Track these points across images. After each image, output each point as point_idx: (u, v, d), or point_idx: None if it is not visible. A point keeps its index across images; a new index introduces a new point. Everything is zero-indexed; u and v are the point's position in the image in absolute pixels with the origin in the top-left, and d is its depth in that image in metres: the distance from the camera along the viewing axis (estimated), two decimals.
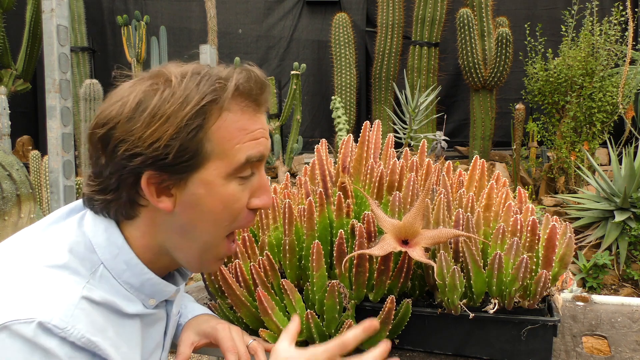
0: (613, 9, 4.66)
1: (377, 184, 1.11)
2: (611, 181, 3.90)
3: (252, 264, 1.05)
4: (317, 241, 0.99)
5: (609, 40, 4.66)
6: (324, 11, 6.86)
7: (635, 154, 3.94)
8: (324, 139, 1.23)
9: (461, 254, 0.99)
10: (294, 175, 5.41)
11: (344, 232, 1.00)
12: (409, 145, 4.23)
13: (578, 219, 3.94)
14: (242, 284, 1.05)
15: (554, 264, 0.98)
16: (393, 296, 0.97)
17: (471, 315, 0.96)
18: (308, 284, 1.04)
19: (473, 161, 1.23)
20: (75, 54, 5.96)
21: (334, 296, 0.98)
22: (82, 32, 6.10)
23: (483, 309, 0.98)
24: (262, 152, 0.75)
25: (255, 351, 0.94)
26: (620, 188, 3.70)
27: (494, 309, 0.97)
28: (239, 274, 1.05)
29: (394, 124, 4.34)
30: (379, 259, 1.00)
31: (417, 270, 1.06)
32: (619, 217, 3.59)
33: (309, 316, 0.97)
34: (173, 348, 0.96)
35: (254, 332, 1.03)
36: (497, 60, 5.46)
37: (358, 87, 6.23)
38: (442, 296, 0.98)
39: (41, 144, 6.11)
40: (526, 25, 5.13)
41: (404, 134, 4.20)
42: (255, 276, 1.03)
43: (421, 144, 1.26)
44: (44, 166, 4.40)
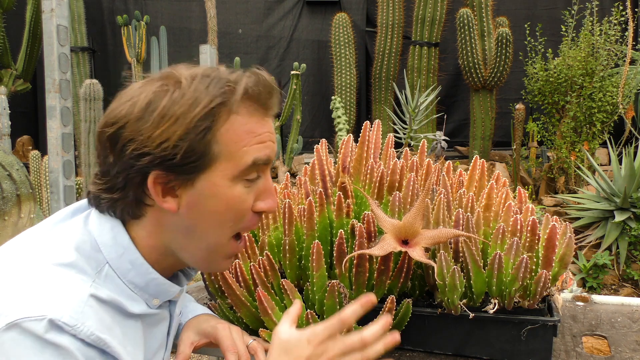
0: (613, 9, 4.66)
1: (377, 184, 1.11)
2: (611, 181, 3.90)
3: (252, 264, 1.05)
4: (317, 241, 0.99)
5: (609, 40, 4.66)
6: (324, 11, 6.86)
7: (635, 154, 3.94)
8: (324, 139, 1.23)
9: (461, 254, 0.99)
10: (294, 175, 5.41)
11: (344, 232, 1.00)
12: (409, 145, 4.23)
13: (578, 219, 3.94)
14: (242, 284, 1.05)
15: (554, 264, 0.98)
16: (393, 296, 0.97)
17: (471, 315, 0.97)
18: (308, 284, 1.04)
19: (473, 161, 1.23)
20: (75, 54, 5.96)
21: (334, 296, 0.98)
22: (82, 32, 6.10)
23: (483, 309, 0.98)
24: (269, 155, 0.75)
25: (255, 351, 0.94)
26: (620, 188, 3.70)
27: (494, 309, 0.97)
28: (239, 274, 1.05)
29: (394, 124, 4.34)
30: (379, 259, 1.00)
31: (417, 270, 1.06)
32: (619, 217, 3.59)
33: (309, 316, 0.97)
34: (173, 348, 0.96)
35: (254, 332, 1.03)
36: (497, 60, 5.46)
37: (358, 87, 6.23)
38: (442, 296, 0.98)
39: (41, 144, 6.11)
40: (526, 25, 5.13)
41: (404, 134, 4.20)
42: (255, 276, 1.03)
43: (421, 144, 1.26)
44: (44, 166, 4.40)
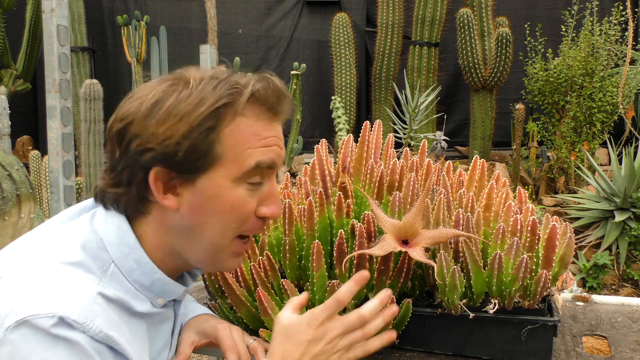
0: (613, 9, 4.67)
1: (377, 184, 1.11)
2: (611, 181, 3.90)
3: (252, 264, 1.05)
4: (317, 241, 0.99)
5: (609, 40, 4.66)
6: (324, 11, 6.86)
7: (635, 154, 3.94)
8: (324, 139, 1.23)
9: (461, 254, 0.99)
10: (294, 175, 5.41)
11: (344, 232, 1.00)
12: (409, 145, 4.23)
13: (578, 219, 3.94)
14: (242, 284, 1.05)
15: (554, 264, 0.98)
16: (393, 296, 0.97)
17: (471, 315, 0.97)
18: (308, 284, 1.04)
19: (473, 161, 1.23)
20: (75, 54, 5.96)
21: None
22: (82, 32, 6.11)
23: (483, 309, 0.98)
24: (274, 159, 0.75)
25: (255, 351, 0.94)
26: (620, 188, 3.70)
27: (494, 309, 0.97)
28: (239, 274, 1.05)
29: (394, 124, 4.34)
30: (379, 259, 1.00)
31: (417, 270, 1.06)
32: (619, 217, 3.59)
33: None
34: None
35: (254, 332, 1.03)
36: (497, 60, 5.46)
37: (358, 87, 6.23)
38: (442, 296, 0.99)
39: (41, 144, 6.11)
40: (526, 25, 5.13)
41: (404, 134, 4.20)
42: (255, 276, 1.03)
43: (421, 144, 1.26)
44: (44, 166, 4.40)
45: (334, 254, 1.01)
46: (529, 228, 0.98)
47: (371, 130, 1.19)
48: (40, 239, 0.74)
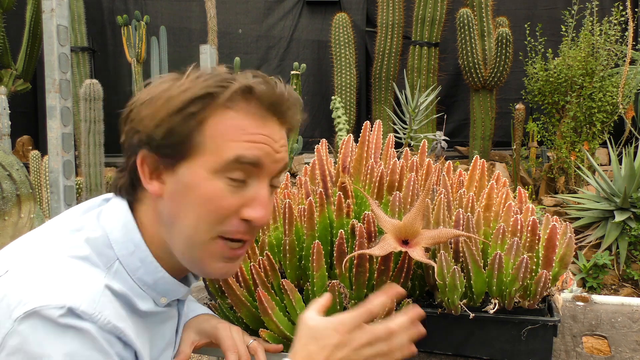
0: (613, 9, 4.66)
1: (377, 184, 1.11)
2: (611, 181, 3.90)
3: (252, 264, 1.05)
4: (317, 241, 0.99)
5: (609, 40, 4.66)
6: (324, 11, 6.86)
7: (635, 154, 3.94)
8: (324, 139, 1.23)
9: (461, 254, 0.99)
10: (294, 175, 5.41)
11: (344, 232, 1.00)
12: (409, 145, 4.23)
13: (578, 219, 3.94)
14: (242, 284, 1.05)
15: (554, 264, 0.98)
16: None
17: (471, 315, 0.97)
18: (308, 284, 1.04)
19: (473, 161, 1.23)
20: (75, 54, 5.95)
21: (334, 296, 0.98)
22: (82, 32, 6.10)
23: (483, 309, 0.98)
24: (259, 157, 0.73)
25: (255, 351, 0.94)
26: (620, 188, 3.70)
27: (494, 309, 0.97)
28: (239, 274, 1.05)
29: (394, 124, 4.34)
30: (379, 259, 1.00)
31: (417, 270, 1.06)
32: (619, 217, 3.59)
33: None
34: None
35: (254, 332, 1.03)
36: (497, 60, 5.46)
37: (358, 87, 6.22)
38: (442, 296, 0.98)
39: (41, 144, 6.11)
40: (526, 25, 5.13)
41: (404, 134, 4.19)
42: (255, 276, 1.03)
43: (421, 144, 1.26)
44: (44, 166, 4.40)
45: (334, 254, 1.01)
46: (529, 228, 0.98)
47: (371, 130, 1.19)
48: (47, 235, 0.74)
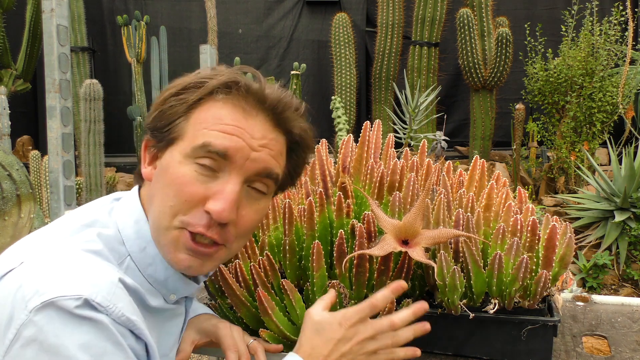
0: (613, 9, 4.66)
1: (377, 184, 1.11)
2: (611, 181, 3.90)
3: (252, 264, 1.05)
4: (317, 241, 0.99)
5: (609, 40, 4.66)
6: (324, 11, 6.86)
7: (635, 154, 3.94)
8: (324, 139, 1.23)
9: (461, 254, 0.99)
10: None
11: (344, 232, 1.00)
12: (409, 145, 4.23)
13: (578, 219, 3.94)
14: (242, 284, 1.05)
15: (554, 264, 0.98)
16: (393, 296, 0.97)
17: (471, 315, 0.96)
18: (308, 284, 1.04)
19: (473, 161, 1.23)
20: (75, 54, 5.95)
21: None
22: (82, 32, 6.10)
23: (483, 309, 0.98)
24: (227, 147, 0.72)
25: (255, 351, 0.94)
26: (620, 188, 3.70)
27: (494, 309, 0.97)
28: (239, 274, 1.05)
29: (394, 124, 4.34)
30: (379, 259, 1.00)
31: (417, 270, 1.06)
32: (619, 217, 3.59)
33: None
34: None
35: (254, 332, 1.03)
36: (497, 60, 5.46)
37: (358, 87, 6.22)
38: (442, 296, 0.98)
39: (41, 144, 6.11)
40: (526, 25, 5.13)
41: (404, 134, 4.19)
42: (255, 276, 1.03)
43: (421, 144, 1.26)
44: (44, 166, 4.40)
45: (334, 254, 1.01)
46: (529, 228, 0.98)
47: (371, 130, 1.19)
48: (59, 230, 0.75)
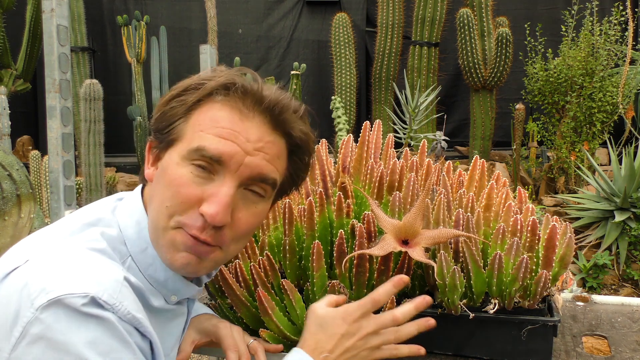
0: (613, 9, 4.66)
1: (377, 184, 1.11)
2: (611, 181, 3.90)
3: (252, 264, 1.05)
4: (317, 241, 0.99)
5: (609, 40, 4.66)
6: (324, 11, 6.86)
7: (635, 154, 3.94)
8: (324, 139, 1.23)
9: (461, 254, 0.99)
10: None
11: (344, 232, 1.00)
12: (409, 145, 4.22)
13: (578, 219, 3.94)
14: (242, 284, 1.05)
15: (554, 264, 0.98)
16: (393, 296, 0.97)
17: (471, 315, 0.96)
18: (308, 284, 1.04)
19: (473, 161, 1.23)
20: (75, 54, 5.95)
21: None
22: (82, 32, 6.10)
23: (483, 309, 0.98)
24: (221, 152, 0.71)
25: (255, 351, 0.94)
26: (620, 188, 3.70)
27: (494, 309, 0.97)
28: (239, 274, 1.05)
29: (394, 124, 4.34)
30: (379, 259, 1.00)
31: (417, 270, 1.06)
32: (619, 217, 3.59)
33: None
34: None
35: (254, 332, 1.03)
36: (497, 60, 5.46)
37: (358, 87, 6.22)
38: (442, 296, 0.98)
39: (41, 144, 6.11)
40: (526, 25, 5.13)
41: (404, 134, 4.19)
42: (255, 276, 1.03)
43: (421, 144, 1.26)
44: (44, 166, 4.40)
45: (334, 254, 1.01)
46: (529, 228, 0.97)
47: (371, 130, 1.19)
48: (63, 229, 0.75)
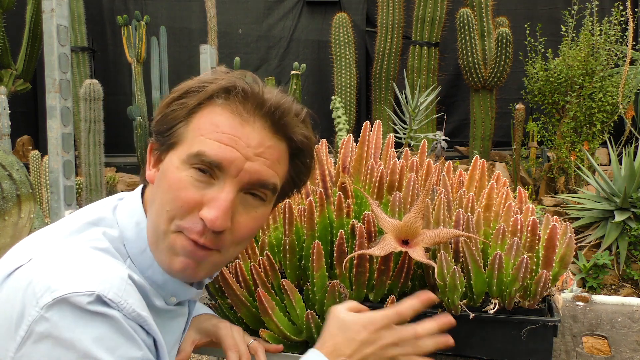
0: (613, 9, 4.66)
1: (377, 184, 1.11)
2: (611, 181, 3.90)
3: (252, 264, 1.05)
4: (317, 241, 0.99)
5: (609, 40, 4.66)
6: (324, 11, 6.86)
7: (635, 154, 3.94)
8: (324, 139, 1.23)
9: (461, 254, 0.99)
10: None
11: (344, 232, 1.00)
12: (409, 145, 4.22)
13: (578, 219, 3.94)
14: (242, 284, 1.05)
15: (554, 264, 0.98)
16: (393, 296, 0.97)
17: (471, 315, 0.96)
18: (308, 284, 1.04)
19: (473, 161, 1.22)
20: (75, 54, 5.95)
21: (334, 296, 0.98)
22: (82, 32, 6.09)
23: (483, 309, 0.98)
24: (221, 159, 0.71)
25: (255, 351, 0.94)
26: (620, 188, 3.70)
27: (494, 309, 0.97)
28: (239, 274, 1.05)
29: (394, 124, 4.34)
30: (379, 259, 1.00)
31: (417, 270, 1.06)
32: (619, 217, 3.59)
33: (309, 316, 0.97)
34: None
35: (254, 332, 1.03)
36: (497, 60, 5.46)
37: (358, 87, 6.22)
38: (442, 296, 0.98)
39: (41, 144, 6.11)
40: (526, 25, 5.13)
41: (404, 134, 4.19)
42: (255, 276, 1.03)
43: (421, 144, 1.26)
44: (44, 166, 4.40)
45: (334, 254, 1.01)
46: (529, 228, 0.97)
47: (371, 130, 1.19)
48: (65, 228, 0.75)
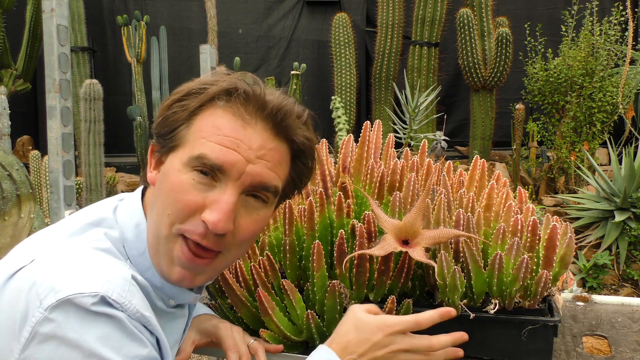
0: (613, 9, 4.67)
1: (377, 184, 1.11)
2: (611, 181, 3.90)
3: (252, 264, 1.05)
4: (317, 241, 0.99)
5: (609, 40, 4.66)
6: (324, 11, 6.86)
7: (635, 154, 3.94)
8: (324, 139, 1.23)
9: (462, 254, 0.99)
10: None
11: (344, 232, 1.00)
12: (409, 145, 4.22)
13: (578, 219, 3.94)
14: (242, 284, 1.05)
15: (554, 264, 0.98)
16: (393, 296, 0.97)
17: (472, 315, 0.96)
18: (308, 284, 1.04)
19: (473, 161, 1.22)
20: (75, 54, 5.95)
21: (334, 296, 0.98)
22: (82, 32, 6.10)
23: (483, 309, 0.98)
24: (222, 162, 0.71)
25: (255, 351, 0.94)
26: (620, 188, 3.70)
27: (494, 309, 0.97)
28: (239, 274, 1.05)
29: (394, 124, 4.34)
30: (379, 259, 1.00)
31: (417, 270, 1.06)
32: (619, 217, 3.59)
33: (310, 316, 0.97)
34: None
35: (254, 332, 1.02)
36: (497, 60, 5.46)
37: (358, 87, 6.22)
38: (442, 296, 0.98)
39: (41, 144, 6.11)
40: (526, 25, 5.13)
41: (404, 134, 4.19)
42: (255, 276, 1.03)
43: (421, 144, 1.26)
44: (44, 166, 4.40)
45: (334, 254, 1.01)
46: (529, 228, 0.97)
47: (371, 130, 1.19)
48: (67, 228, 0.75)
